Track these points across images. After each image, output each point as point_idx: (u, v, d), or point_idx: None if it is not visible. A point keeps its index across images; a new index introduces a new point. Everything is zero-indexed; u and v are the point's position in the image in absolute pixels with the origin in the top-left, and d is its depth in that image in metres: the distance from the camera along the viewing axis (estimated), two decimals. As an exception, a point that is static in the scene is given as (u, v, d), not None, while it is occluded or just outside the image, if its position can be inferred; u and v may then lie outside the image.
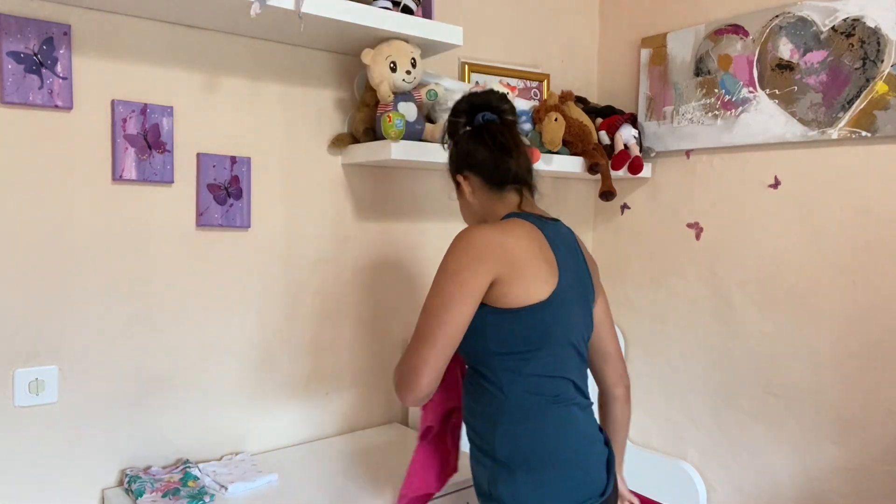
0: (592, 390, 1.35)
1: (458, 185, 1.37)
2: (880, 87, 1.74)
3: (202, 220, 1.63)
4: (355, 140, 1.78)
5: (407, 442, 1.84)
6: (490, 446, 1.22)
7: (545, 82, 2.26)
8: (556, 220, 1.34)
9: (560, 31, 2.37)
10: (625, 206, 2.38)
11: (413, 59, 1.66)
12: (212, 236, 1.66)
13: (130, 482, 1.48)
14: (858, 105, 1.78)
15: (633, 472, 2.26)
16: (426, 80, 1.79)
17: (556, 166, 2.03)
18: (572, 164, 2.07)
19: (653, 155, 2.27)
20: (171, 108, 1.57)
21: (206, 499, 1.43)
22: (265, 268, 1.74)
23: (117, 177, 1.51)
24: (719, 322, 2.11)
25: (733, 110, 2.03)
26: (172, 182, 1.59)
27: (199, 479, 1.51)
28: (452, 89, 1.79)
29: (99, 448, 1.53)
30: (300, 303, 1.81)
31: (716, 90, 2.07)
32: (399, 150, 1.64)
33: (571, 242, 1.34)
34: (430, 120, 1.80)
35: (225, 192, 1.66)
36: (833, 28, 1.82)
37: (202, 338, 1.66)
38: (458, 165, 1.36)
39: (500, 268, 1.17)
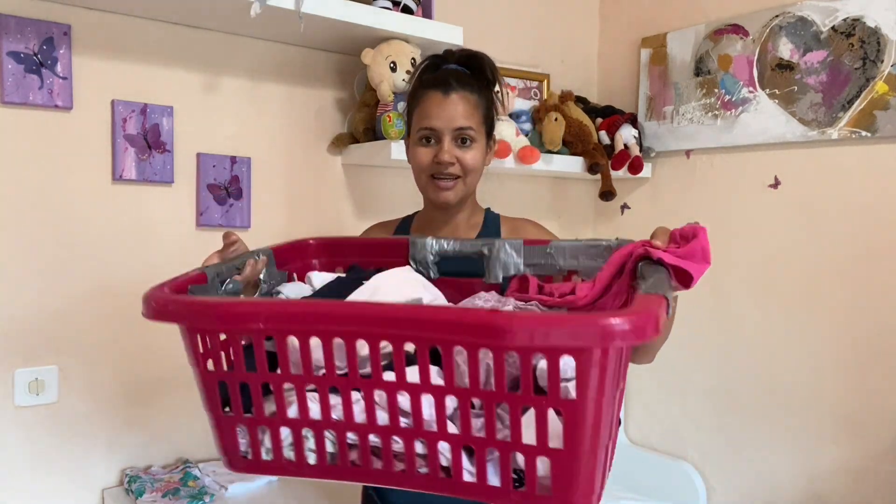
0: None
1: (487, 144, 1.28)
2: (880, 87, 1.74)
3: (202, 220, 1.63)
4: (355, 140, 1.78)
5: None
6: None
7: (545, 82, 2.26)
8: None
9: (560, 31, 2.37)
10: (625, 206, 2.38)
11: (413, 59, 1.66)
12: (212, 236, 1.65)
13: (130, 482, 1.48)
14: (858, 105, 1.78)
15: (634, 473, 2.27)
16: (426, 80, 1.78)
17: (556, 166, 2.03)
18: (572, 164, 2.08)
19: (653, 155, 2.26)
20: (171, 108, 1.57)
21: (206, 499, 1.43)
22: (265, 268, 1.74)
23: (117, 177, 1.51)
24: (719, 322, 2.11)
25: (733, 110, 2.03)
26: (172, 182, 1.59)
27: (199, 479, 1.51)
28: (452, 89, 1.79)
29: (99, 448, 1.53)
30: (300, 303, 1.81)
31: (716, 90, 2.07)
32: (399, 150, 1.64)
33: None
34: (430, 120, 1.80)
35: (225, 192, 1.66)
36: (833, 28, 1.82)
37: (202, 338, 1.66)
38: (494, 124, 1.28)
39: None
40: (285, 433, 0.79)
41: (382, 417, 0.75)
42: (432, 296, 1.00)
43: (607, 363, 0.63)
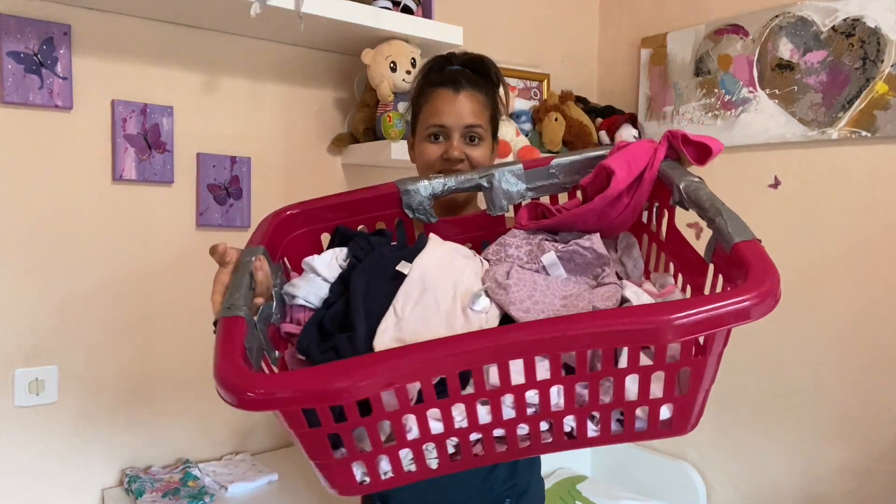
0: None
1: (492, 144, 1.29)
2: (880, 87, 1.74)
3: (202, 220, 1.63)
4: (355, 140, 1.78)
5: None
6: None
7: (545, 82, 2.26)
8: None
9: (560, 31, 2.37)
10: (625, 206, 2.38)
11: (413, 59, 1.66)
12: (212, 236, 1.65)
13: (130, 482, 1.48)
14: (858, 105, 1.78)
15: (634, 473, 2.26)
16: (426, 80, 1.78)
17: (556, 166, 2.03)
18: (572, 164, 2.07)
19: (653, 155, 2.26)
20: (171, 108, 1.57)
21: (206, 499, 1.43)
22: (265, 268, 1.74)
23: (117, 177, 1.51)
24: (719, 322, 2.11)
25: (733, 110, 2.03)
26: (172, 182, 1.59)
27: (199, 479, 1.51)
28: (452, 89, 1.79)
29: (99, 448, 1.53)
30: (300, 303, 1.81)
31: (716, 90, 2.07)
32: (399, 150, 1.64)
33: None
34: (430, 120, 1.80)
35: (225, 192, 1.66)
36: (833, 28, 1.82)
37: (202, 337, 1.66)
38: (498, 126, 1.30)
39: None
40: (405, 452, 0.78)
41: (508, 413, 0.76)
42: (475, 263, 0.96)
43: (730, 330, 0.71)
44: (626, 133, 2.17)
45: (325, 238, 1.08)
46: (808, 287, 1.91)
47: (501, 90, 1.29)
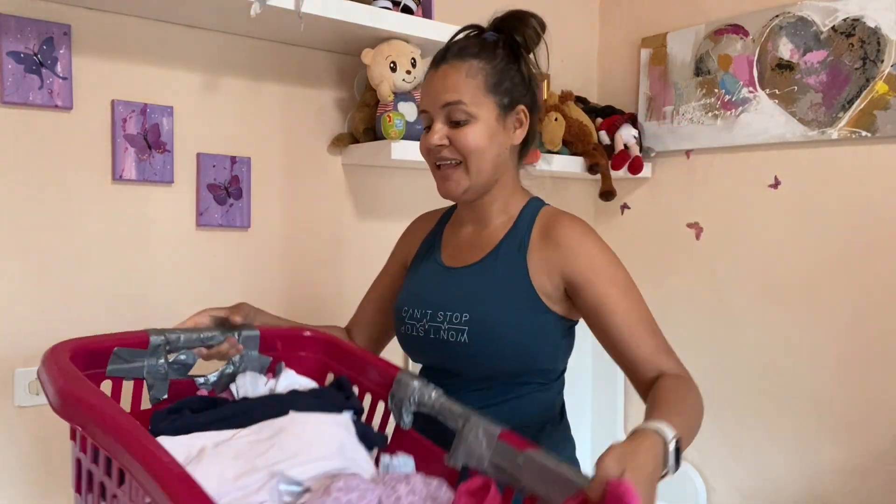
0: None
1: (505, 119, 1.05)
2: (880, 87, 1.74)
3: (202, 220, 1.63)
4: (355, 140, 1.78)
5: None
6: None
7: (545, 82, 2.25)
8: None
9: (560, 31, 2.36)
10: (625, 206, 2.38)
11: (413, 59, 1.67)
12: (212, 236, 1.66)
13: (130, 482, 1.48)
14: (858, 105, 1.78)
15: (633, 472, 2.26)
16: (426, 80, 1.78)
17: (556, 166, 2.03)
18: (572, 164, 2.08)
19: (653, 155, 2.27)
20: (171, 108, 1.57)
21: (206, 499, 1.43)
22: (265, 268, 1.74)
23: (117, 177, 1.51)
24: (719, 322, 2.11)
25: (733, 110, 2.03)
26: (172, 182, 1.59)
27: (199, 479, 1.51)
28: (452, 89, 1.79)
29: (99, 448, 1.53)
30: (300, 303, 1.81)
31: (716, 90, 2.07)
32: (399, 150, 1.64)
33: None
34: (430, 120, 1.80)
35: (225, 192, 1.66)
36: (833, 28, 1.82)
37: (202, 338, 1.66)
38: (523, 93, 1.05)
39: None
40: None
41: None
42: (345, 464, 0.82)
43: None
44: (627, 133, 2.17)
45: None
46: (807, 287, 1.91)
47: (543, 44, 1.08)
